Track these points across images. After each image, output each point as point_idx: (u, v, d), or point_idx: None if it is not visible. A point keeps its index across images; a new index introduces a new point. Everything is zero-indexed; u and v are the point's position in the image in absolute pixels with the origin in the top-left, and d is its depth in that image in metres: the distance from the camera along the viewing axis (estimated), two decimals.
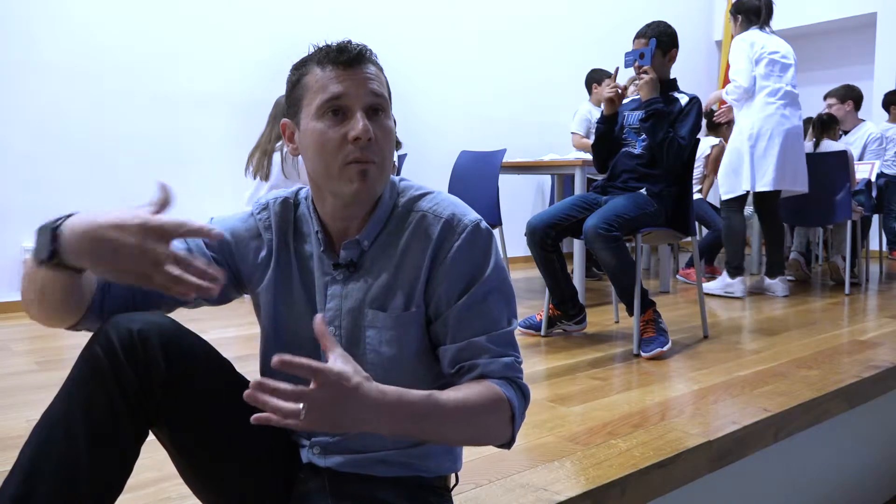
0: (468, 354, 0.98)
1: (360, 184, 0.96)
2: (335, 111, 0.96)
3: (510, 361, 0.99)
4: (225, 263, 1.08)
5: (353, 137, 0.94)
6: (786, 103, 3.84)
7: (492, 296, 1.00)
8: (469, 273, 0.99)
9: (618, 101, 2.84)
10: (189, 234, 0.84)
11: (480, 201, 3.77)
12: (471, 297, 0.99)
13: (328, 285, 1.05)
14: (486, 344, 0.98)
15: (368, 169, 0.96)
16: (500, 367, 0.98)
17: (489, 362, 0.98)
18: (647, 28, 2.93)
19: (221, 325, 3.08)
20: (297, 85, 1.00)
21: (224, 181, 4.15)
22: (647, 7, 5.82)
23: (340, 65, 0.96)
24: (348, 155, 0.96)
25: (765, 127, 3.81)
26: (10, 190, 3.59)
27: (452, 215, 1.01)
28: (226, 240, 1.08)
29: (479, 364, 0.98)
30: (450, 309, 0.99)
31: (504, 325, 1.00)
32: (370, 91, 0.97)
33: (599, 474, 1.45)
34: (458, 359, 0.99)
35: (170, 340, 0.94)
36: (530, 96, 5.83)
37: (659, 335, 2.59)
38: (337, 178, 0.97)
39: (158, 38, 4.01)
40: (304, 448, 1.08)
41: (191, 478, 1.07)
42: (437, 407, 0.89)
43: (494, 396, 0.95)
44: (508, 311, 1.02)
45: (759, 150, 3.82)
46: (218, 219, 1.12)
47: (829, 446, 2.15)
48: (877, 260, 5.64)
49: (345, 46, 0.98)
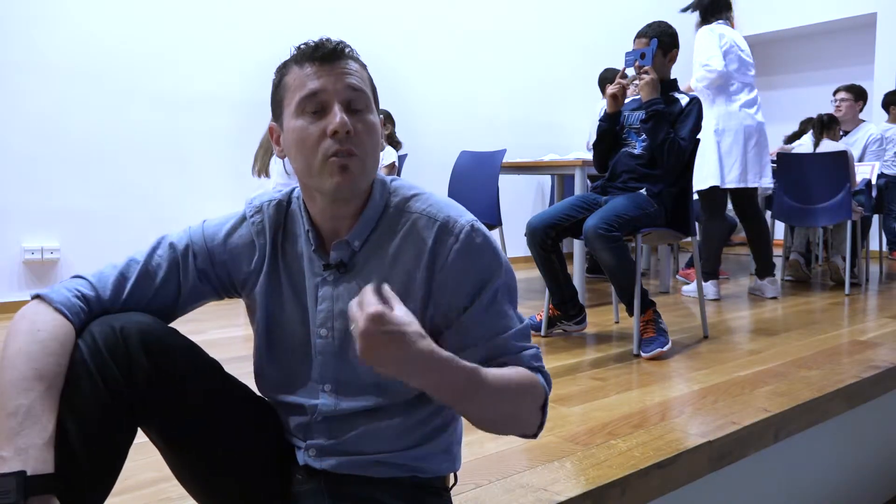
0: (496, 353, 0.99)
1: (341, 178, 0.96)
2: (314, 107, 0.96)
3: (535, 352, 1.02)
4: (214, 275, 1.08)
5: (331, 131, 0.94)
6: (751, 100, 3.82)
7: (501, 294, 1.01)
8: (476, 276, 0.99)
9: (621, 97, 2.84)
10: None
11: (480, 201, 3.77)
12: (483, 299, 0.98)
13: (319, 286, 1.04)
14: (511, 341, 1.00)
15: (349, 163, 0.96)
16: (527, 359, 1.00)
17: (516, 357, 1.00)
18: (648, 28, 2.93)
19: (221, 325, 3.08)
20: (279, 86, 1.00)
21: (224, 181, 4.15)
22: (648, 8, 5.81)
23: (317, 61, 0.97)
24: (328, 149, 0.95)
25: (731, 122, 3.79)
26: (10, 190, 3.59)
27: (448, 218, 1.00)
28: (217, 252, 1.08)
29: (507, 361, 0.99)
30: (463, 315, 0.98)
31: (517, 322, 1.02)
32: (347, 85, 0.97)
33: (599, 474, 1.45)
34: (487, 358, 0.99)
35: (151, 337, 0.95)
36: (530, 96, 5.83)
37: (659, 335, 2.59)
38: (318, 173, 0.97)
39: (158, 39, 4.01)
40: (300, 450, 1.08)
41: (184, 478, 1.07)
42: (479, 379, 0.90)
43: (531, 381, 0.98)
44: (515, 307, 1.04)
45: (724, 146, 3.80)
46: (210, 222, 1.11)
47: (829, 447, 2.15)
48: (877, 260, 5.64)
49: (321, 43, 0.98)
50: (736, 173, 3.79)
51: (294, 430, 1.08)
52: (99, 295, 0.99)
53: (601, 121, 2.92)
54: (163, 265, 1.04)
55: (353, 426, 1.03)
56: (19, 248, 3.62)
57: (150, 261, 1.04)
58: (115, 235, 3.82)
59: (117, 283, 1.01)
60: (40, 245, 3.66)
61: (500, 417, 0.99)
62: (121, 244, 3.79)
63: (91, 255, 3.70)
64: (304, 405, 1.05)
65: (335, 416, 1.03)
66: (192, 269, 1.06)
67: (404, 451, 1.04)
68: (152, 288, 1.03)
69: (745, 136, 3.79)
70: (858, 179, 4.49)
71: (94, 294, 0.99)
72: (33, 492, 0.80)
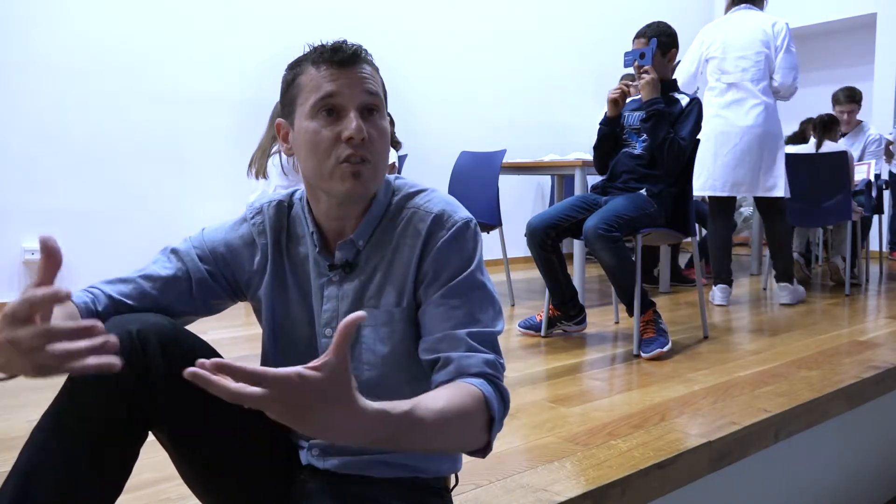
0: (445, 346, 0.95)
1: (353, 183, 0.96)
2: (329, 110, 0.96)
3: (491, 358, 0.94)
4: (220, 275, 1.08)
5: (346, 137, 0.94)
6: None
7: (475, 293, 0.98)
8: (453, 265, 0.98)
9: (622, 101, 2.84)
10: (38, 305, 0.71)
11: (480, 202, 3.77)
12: (452, 289, 0.97)
13: (324, 287, 1.05)
14: (465, 338, 0.94)
15: (362, 170, 0.96)
16: (478, 363, 0.93)
17: (467, 356, 0.93)
18: (647, 28, 2.93)
19: (221, 325, 3.08)
20: (292, 84, 1.00)
21: (224, 181, 4.15)
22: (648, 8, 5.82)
23: (335, 64, 0.96)
24: (341, 154, 0.95)
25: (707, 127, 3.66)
26: (10, 190, 3.59)
27: (443, 211, 1.01)
28: (220, 251, 1.08)
29: (453, 358, 0.93)
30: (429, 300, 0.98)
31: (487, 325, 0.97)
32: (365, 90, 0.97)
33: (599, 475, 1.45)
34: (434, 349, 0.96)
35: (169, 341, 0.94)
36: (530, 97, 5.83)
37: (659, 336, 2.59)
38: (329, 177, 0.97)
39: (158, 39, 4.01)
40: (303, 450, 1.08)
41: (190, 478, 1.07)
42: (416, 423, 0.79)
43: (474, 403, 0.87)
44: (493, 312, 0.99)
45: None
46: (210, 228, 1.11)
47: (830, 447, 2.15)
48: (877, 260, 5.65)
49: (340, 46, 0.97)
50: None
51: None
52: (109, 294, 1.00)
53: (601, 124, 2.92)
54: (170, 267, 1.05)
55: None
56: (19, 248, 3.62)
57: (157, 266, 1.05)
58: (115, 235, 3.82)
59: (126, 287, 1.02)
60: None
61: (438, 448, 0.93)
62: (121, 244, 3.80)
63: (91, 255, 3.70)
64: None
65: None
66: (201, 270, 1.06)
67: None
68: (164, 290, 1.04)
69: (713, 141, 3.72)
70: (858, 179, 4.49)
71: (104, 293, 1.00)
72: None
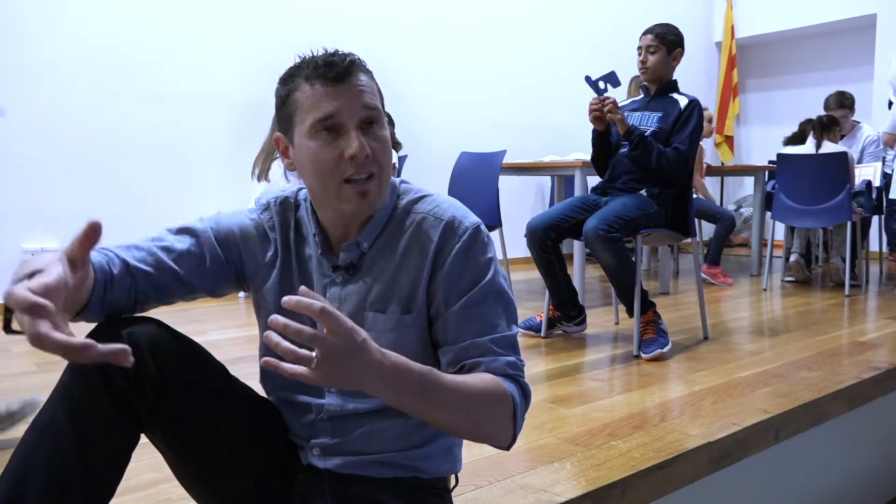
0: (471, 354, 0.97)
1: (360, 203, 0.97)
2: (328, 129, 0.95)
3: (513, 360, 0.98)
4: (229, 259, 1.07)
5: (349, 156, 0.94)
6: None
7: (492, 298, 0.99)
8: (469, 275, 0.99)
9: (604, 117, 2.73)
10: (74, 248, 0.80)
11: (480, 203, 3.77)
12: (471, 298, 0.98)
13: (327, 288, 1.05)
14: (489, 344, 0.97)
15: (368, 189, 0.96)
16: (502, 365, 0.96)
17: (492, 360, 0.96)
18: (655, 26, 2.90)
19: (221, 326, 3.08)
20: (287, 101, 0.98)
21: (224, 181, 4.15)
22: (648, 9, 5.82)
23: (330, 81, 0.94)
24: (344, 172, 0.95)
25: None
26: (10, 190, 3.59)
27: (453, 218, 1.01)
28: (233, 235, 1.08)
29: (481, 362, 0.96)
30: (450, 310, 0.99)
31: (505, 329, 0.99)
32: (363, 105, 0.95)
33: (600, 475, 1.45)
34: (459, 358, 0.98)
35: (160, 344, 0.94)
36: (530, 97, 5.83)
37: (659, 336, 2.59)
38: (335, 197, 0.97)
39: (158, 39, 4.01)
40: (303, 450, 1.08)
41: (187, 481, 1.07)
42: (435, 381, 0.86)
43: (497, 388, 0.93)
44: (508, 316, 1.01)
45: None
46: (226, 213, 1.11)
47: (830, 448, 2.15)
48: (877, 261, 5.65)
49: (332, 60, 0.95)
50: None
51: (298, 430, 1.08)
52: (125, 259, 0.99)
53: (592, 140, 2.87)
54: (185, 242, 1.04)
55: (358, 426, 1.03)
56: (19, 248, 3.61)
57: (172, 239, 1.04)
58: (115, 235, 3.80)
59: (141, 254, 1.01)
60: (40, 246, 3.65)
61: (463, 426, 0.93)
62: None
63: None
64: (311, 404, 1.05)
65: (341, 416, 1.04)
66: (216, 249, 1.06)
67: (407, 451, 1.04)
68: (179, 261, 1.02)
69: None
70: (858, 181, 4.50)
71: (118, 257, 0.99)
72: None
